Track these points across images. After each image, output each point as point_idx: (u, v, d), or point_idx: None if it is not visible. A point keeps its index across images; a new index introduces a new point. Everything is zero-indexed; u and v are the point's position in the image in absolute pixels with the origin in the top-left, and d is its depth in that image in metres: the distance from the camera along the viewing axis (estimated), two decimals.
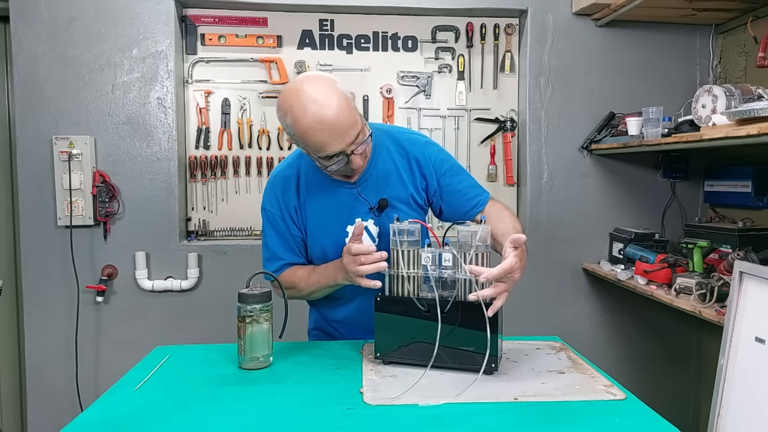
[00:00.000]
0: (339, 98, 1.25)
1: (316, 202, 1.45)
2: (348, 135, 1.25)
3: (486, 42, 2.62)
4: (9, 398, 2.67)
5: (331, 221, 1.44)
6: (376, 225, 1.44)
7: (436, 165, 1.47)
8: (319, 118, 1.22)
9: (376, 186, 1.44)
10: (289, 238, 1.47)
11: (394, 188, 1.45)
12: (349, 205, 1.44)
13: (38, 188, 2.37)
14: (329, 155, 1.27)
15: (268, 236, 1.49)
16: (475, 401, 1.10)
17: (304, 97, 1.24)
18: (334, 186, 1.43)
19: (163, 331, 2.45)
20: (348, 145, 1.26)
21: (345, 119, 1.24)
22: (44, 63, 2.36)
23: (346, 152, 1.27)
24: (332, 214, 1.44)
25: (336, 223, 1.44)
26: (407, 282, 1.28)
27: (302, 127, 1.23)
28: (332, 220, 1.44)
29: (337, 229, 1.43)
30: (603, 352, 2.64)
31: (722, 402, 1.65)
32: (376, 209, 1.43)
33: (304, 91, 1.24)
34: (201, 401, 1.12)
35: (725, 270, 1.89)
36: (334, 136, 1.24)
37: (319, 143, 1.24)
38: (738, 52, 2.44)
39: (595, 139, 2.53)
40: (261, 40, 2.54)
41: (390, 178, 1.45)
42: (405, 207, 1.46)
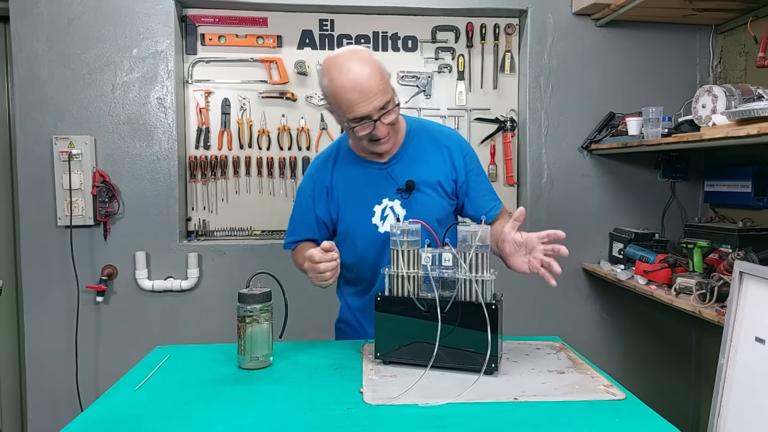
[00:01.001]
0: (373, 66, 1.33)
1: (347, 180, 1.52)
2: (376, 99, 1.32)
3: (486, 42, 2.62)
4: (9, 398, 2.67)
5: (360, 199, 1.50)
6: (402, 207, 1.49)
7: (466, 159, 1.54)
8: (352, 78, 1.31)
9: (407, 168, 1.49)
10: (311, 217, 1.55)
11: (423, 173, 1.50)
12: (378, 185, 1.49)
13: (38, 188, 2.37)
14: (357, 117, 1.34)
15: (293, 212, 1.61)
16: (475, 401, 1.10)
17: (342, 60, 1.34)
18: (365, 165, 1.51)
19: (163, 331, 2.45)
20: (375, 109, 1.33)
21: (375, 83, 1.32)
22: (44, 63, 2.36)
23: (373, 117, 1.34)
24: (361, 191, 1.50)
25: (364, 200, 1.50)
26: (407, 282, 1.28)
27: (336, 86, 1.33)
28: (361, 197, 1.50)
29: (364, 207, 1.49)
30: (603, 352, 2.64)
31: (722, 402, 1.65)
32: (404, 190, 1.48)
33: (343, 56, 1.35)
34: (201, 401, 1.12)
35: (725, 270, 1.89)
36: (363, 96, 1.31)
37: (349, 102, 1.32)
38: (738, 52, 2.44)
39: (595, 139, 2.53)
40: (261, 40, 2.54)
41: (420, 162, 1.50)
42: (432, 192, 1.50)
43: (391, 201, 1.49)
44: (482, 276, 1.24)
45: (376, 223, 1.49)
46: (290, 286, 1.42)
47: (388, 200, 1.49)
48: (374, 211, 1.49)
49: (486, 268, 1.24)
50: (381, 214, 1.49)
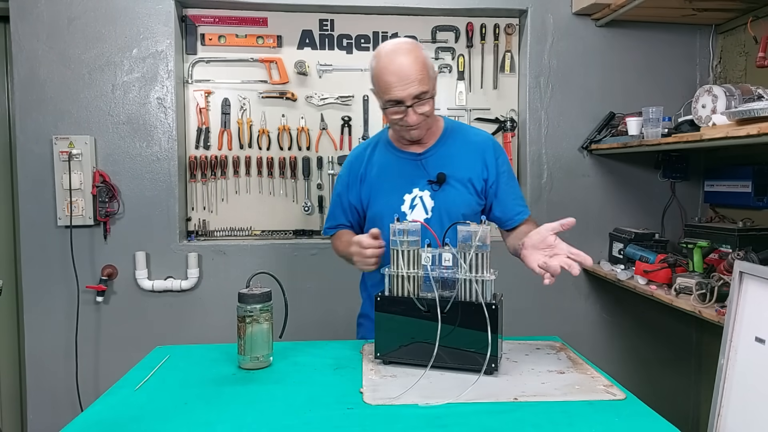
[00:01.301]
0: (417, 57, 1.41)
1: (381, 167, 1.59)
2: (412, 86, 1.39)
3: (486, 42, 2.62)
4: (9, 398, 2.67)
5: (391, 186, 1.56)
6: (431, 198, 1.54)
7: (498, 161, 1.59)
8: (394, 62, 1.40)
9: (440, 162, 1.55)
10: (346, 203, 1.64)
11: (455, 168, 1.55)
12: (410, 174, 1.56)
13: (38, 188, 2.37)
14: (392, 99, 1.41)
15: (331, 199, 1.72)
16: (475, 401, 1.10)
17: (391, 46, 1.44)
18: (400, 154, 1.58)
19: (163, 331, 2.45)
20: (410, 96, 1.40)
21: (415, 71, 1.39)
22: (44, 63, 2.36)
23: (406, 102, 1.41)
24: (393, 179, 1.57)
25: (395, 188, 1.56)
26: (407, 282, 1.28)
27: (379, 67, 1.42)
28: (392, 185, 1.56)
29: (395, 194, 1.55)
30: (603, 352, 2.64)
31: (722, 402, 1.65)
32: (435, 182, 1.54)
33: (394, 43, 1.45)
34: (201, 401, 1.12)
35: (725, 270, 1.89)
36: (400, 81, 1.39)
37: (387, 84, 1.40)
38: (738, 52, 2.44)
39: (595, 139, 2.53)
40: (261, 40, 2.54)
41: (454, 158, 1.56)
42: (462, 187, 1.55)
43: (422, 191, 1.54)
44: (482, 276, 1.24)
45: (404, 211, 1.55)
46: (290, 286, 1.42)
47: (419, 190, 1.55)
48: (404, 199, 1.55)
49: (486, 268, 1.24)
50: (410, 202, 1.55)
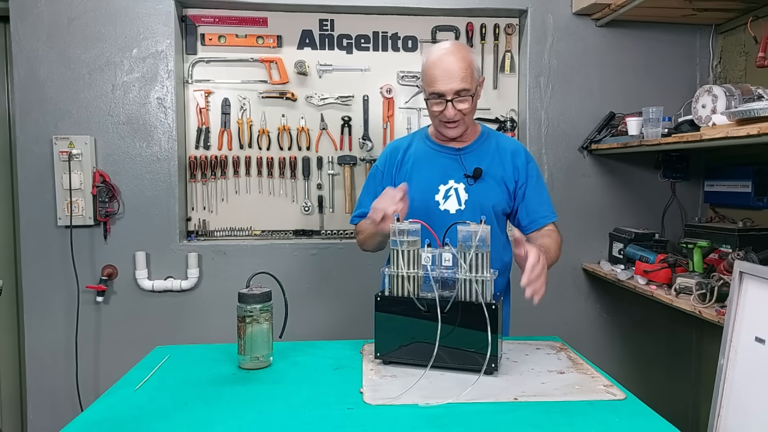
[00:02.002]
0: (464, 57, 1.52)
1: (419, 156, 1.68)
2: (455, 82, 1.50)
3: (486, 42, 2.62)
4: (9, 398, 2.67)
5: (428, 175, 1.65)
6: (466, 191, 1.63)
7: (529, 166, 1.68)
8: (441, 58, 1.52)
9: (477, 159, 1.64)
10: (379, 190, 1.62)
11: (491, 166, 1.64)
12: (448, 167, 1.65)
13: (38, 188, 2.37)
14: (434, 92, 1.53)
15: (363, 189, 1.79)
16: (475, 401, 1.10)
17: (443, 45, 1.57)
18: (440, 148, 1.68)
19: (163, 331, 2.45)
20: (451, 91, 1.51)
21: (459, 70, 1.50)
22: (44, 63, 2.36)
23: (447, 97, 1.52)
24: (431, 168, 1.66)
25: (432, 177, 1.65)
26: (407, 282, 1.28)
27: (428, 61, 1.55)
28: (429, 173, 1.65)
29: (431, 183, 1.64)
30: (603, 352, 2.64)
31: (722, 402, 1.65)
32: (471, 176, 1.62)
33: (446, 43, 1.58)
34: (201, 401, 1.12)
35: (725, 270, 1.89)
36: (444, 75, 1.51)
37: (432, 76, 1.53)
38: (738, 52, 2.44)
39: (595, 139, 2.53)
40: (261, 40, 2.54)
41: (490, 158, 1.66)
42: (495, 184, 1.64)
43: (457, 183, 1.63)
44: (482, 276, 1.24)
45: (438, 200, 1.63)
46: (290, 286, 1.43)
47: (454, 182, 1.63)
48: (439, 189, 1.63)
49: (486, 268, 1.24)
50: (445, 192, 1.63)
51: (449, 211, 1.62)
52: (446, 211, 1.62)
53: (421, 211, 1.55)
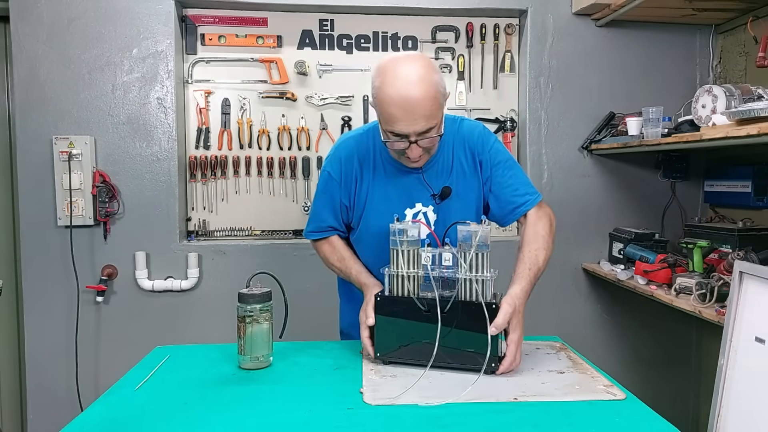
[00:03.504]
0: (429, 88, 1.25)
1: (381, 180, 1.46)
2: (419, 123, 1.26)
3: (486, 42, 2.62)
4: (9, 398, 2.67)
5: (392, 202, 1.45)
6: (434, 212, 1.47)
7: (491, 153, 1.47)
8: (402, 94, 1.24)
9: (441, 174, 1.46)
10: (337, 204, 1.50)
11: (456, 177, 1.46)
12: (413, 189, 1.46)
13: (38, 188, 2.37)
14: (394, 132, 1.29)
15: (319, 197, 1.53)
16: (475, 401, 1.10)
17: (401, 69, 1.26)
18: (400, 168, 1.45)
19: (163, 331, 2.45)
20: (415, 133, 1.28)
21: (424, 108, 1.25)
22: (44, 63, 2.36)
23: (410, 138, 1.29)
24: (394, 194, 1.46)
25: (396, 204, 1.45)
26: (407, 282, 1.28)
27: (384, 94, 1.26)
28: (393, 200, 1.46)
29: (396, 208, 1.43)
30: (603, 352, 2.64)
31: (722, 402, 1.65)
32: (438, 196, 1.45)
33: (403, 64, 1.27)
34: (201, 401, 1.12)
35: (725, 270, 1.89)
36: (406, 116, 1.25)
37: (390, 116, 1.27)
38: (738, 52, 2.44)
39: (595, 139, 2.53)
40: (261, 40, 2.54)
41: (453, 167, 1.47)
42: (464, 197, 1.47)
43: (425, 206, 1.46)
44: (482, 275, 1.23)
45: None
46: (290, 286, 1.42)
47: (422, 205, 1.46)
48: (405, 214, 1.46)
49: (486, 267, 1.24)
50: (412, 218, 1.46)
51: None
52: None
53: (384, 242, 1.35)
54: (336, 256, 1.53)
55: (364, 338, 1.31)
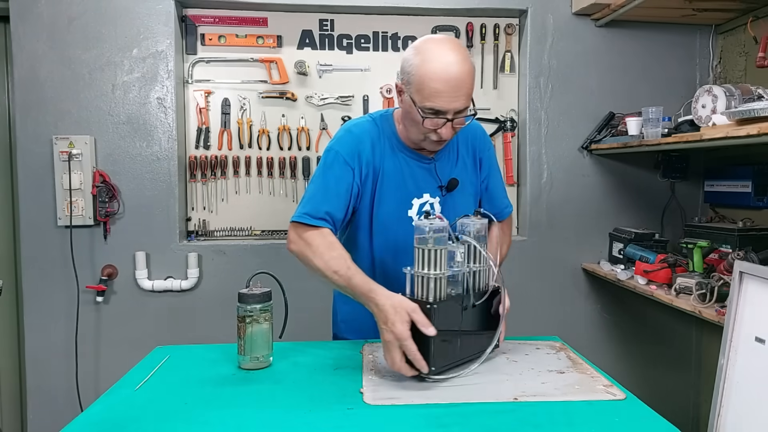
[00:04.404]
0: (471, 68, 1.29)
1: (392, 166, 1.44)
2: (460, 100, 1.28)
3: (486, 42, 2.62)
4: (9, 398, 2.67)
5: (402, 188, 1.45)
6: (440, 204, 1.48)
7: (490, 154, 1.56)
8: (449, 69, 1.25)
9: (449, 166, 1.49)
10: (343, 187, 1.39)
11: (461, 171, 1.50)
12: (421, 179, 1.46)
13: (38, 188, 2.37)
14: (434, 109, 1.28)
15: (320, 178, 1.40)
16: (475, 401, 1.10)
17: (444, 46, 1.28)
18: (413, 156, 1.46)
19: (163, 331, 2.45)
20: (454, 110, 1.29)
21: (467, 85, 1.28)
22: (44, 63, 2.36)
23: (448, 115, 1.29)
24: (404, 181, 1.45)
25: (405, 190, 1.45)
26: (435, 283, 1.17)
27: (428, 69, 1.26)
28: (403, 187, 1.45)
29: (404, 197, 1.45)
30: (603, 352, 2.64)
31: (722, 402, 1.65)
32: (446, 188, 1.47)
33: (447, 43, 1.29)
34: (201, 401, 1.12)
35: (725, 270, 1.89)
36: (451, 91, 1.26)
37: (434, 91, 1.26)
38: (738, 52, 2.44)
39: (595, 139, 2.53)
40: (261, 40, 2.54)
41: (459, 162, 1.51)
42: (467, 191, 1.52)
43: (433, 198, 1.47)
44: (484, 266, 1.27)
45: (411, 216, 1.45)
46: (290, 286, 1.42)
47: (430, 196, 1.47)
48: (412, 204, 1.46)
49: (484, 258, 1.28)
50: (419, 207, 1.46)
51: None
52: None
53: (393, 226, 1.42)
54: (335, 253, 1.31)
55: (415, 353, 1.12)
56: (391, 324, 1.14)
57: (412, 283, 1.19)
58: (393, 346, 1.14)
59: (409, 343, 1.12)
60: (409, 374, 1.15)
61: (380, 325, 1.17)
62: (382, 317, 1.17)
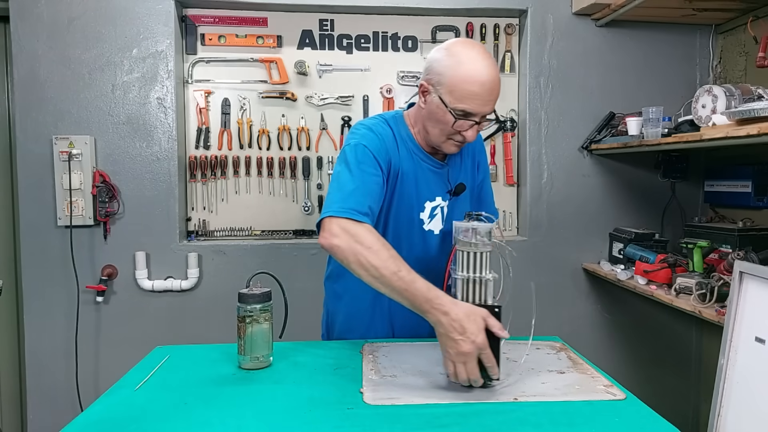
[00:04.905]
0: (499, 75, 1.34)
1: (410, 168, 1.45)
2: (490, 105, 1.33)
3: (486, 42, 2.62)
4: (9, 398, 2.67)
5: (417, 191, 1.46)
6: (447, 208, 1.51)
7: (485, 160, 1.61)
8: (485, 73, 1.29)
9: (456, 171, 1.52)
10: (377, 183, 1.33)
11: (465, 177, 1.54)
12: (433, 183, 1.49)
13: (38, 188, 2.37)
14: (467, 111, 1.31)
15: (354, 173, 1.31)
16: (475, 401, 1.10)
17: (478, 51, 1.32)
18: (428, 160, 1.48)
19: (163, 331, 2.45)
20: (484, 113, 1.34)
21: (497, 91, 1.33)
22: (44, 63, 2.36)
23: (477, 119, 1.33)
24: (419, 184, 1.46)
25: (420, 193, 1.46)
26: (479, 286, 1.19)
27: (465, 72, 1.29)
28: (418, 189, 1.46)
29: (418, 200, 1.46)
30: (603, 352, 2.64)
31: (722, 402, 1.65)
32: (454, 192, 1.50)
33: (479, 48, 1.33)
34: (201, 401, 1.12)
35: (725, 270, 1.89)
36: (486, 95, 1.30)
37: (470, 93, 1.29)
38: (738, 52, 2.44)
39: (595, 139, 2.53)
40: (261, 40, 2.54)
41: (463, 166, 1.55)
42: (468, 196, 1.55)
43: (444, 201, 1.50)
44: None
45: (423, 219, 1.47)
46: (290, 286, 1.42)
47: (441, 199, 1.49)
48: (424, 207, 1.47)
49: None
50: (431, 211, 1.48)
51: (433, 231, 1.49)
52: (431, 231, 1.48)
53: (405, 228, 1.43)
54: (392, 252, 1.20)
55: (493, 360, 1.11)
56: (470, 334, 1.08)
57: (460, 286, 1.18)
58: (472, 357, 1.09)
59: (489, 351, 1.09)
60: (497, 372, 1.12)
61: (453, 335, 1.09)
62: (456, 327, 1.09)
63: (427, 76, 1.36)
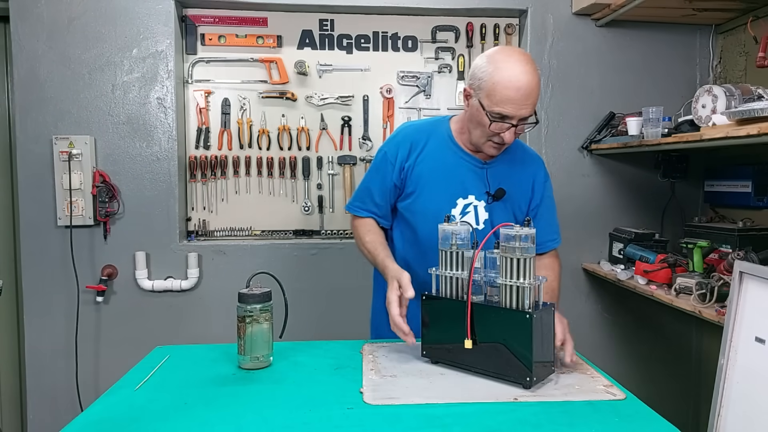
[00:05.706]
0: (538, 81, 1.40)
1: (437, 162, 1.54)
2: (526, 108, 1.38)
3: (486, 42, 2.62)
4: (9, 398, 2.67)
5: (446, 185, 1.53)
6: (486, 210, 1.55)
7: (545, 185, 1.63)
8: (522, 78, 1.35)
9: (500, 176, 1.55)
10: (388, 183, 1.57)
11: (512, 186, 1.56)
12: (470, 180, 1.54)
13: (38, 188, 2.37)
14: (503, 114, 1.38)
15: (370, 174, 1.63)
16: (475, 401, 1.10)
17: (518, 57, 1.39)
18: (464, 157, 1.55)
19: (163, 331, 2.45)
20: (521, 116, 1.39)
21: (535, 95, 1.39)
22: (44, 63, 2.36)
23: (513, 121, 1.39)
24: (449, 179, 1.53)
25: (450, 188, 1.53)
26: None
27: (503, 76, 1.36)
28: (448, 184, 1.53)
29: (448, 194, 1.53)
30: (603, 352, 2.64)
31: (722, 402, 1.65)
32: (493, 195, 1.53)
33: (520, 54, 1.41)
34: (201, 401, 1.12)
35: (725, 270, 1.89)
36: (522, 99, 1.36)
37: (507, 97, 1.36)
38: (738, 52, 2.44)
39: (595, 139, 2.53)
40: (261, 40, 2.54)
41: (512, 176, 1.57)
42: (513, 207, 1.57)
43: (478, 200, 1.54)
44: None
45: (454, 214, 1.52)
46: (290, 286, 1.42)
47: (475, 198, 1.54)
48: (456, 203, 1.53)
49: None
50: (463, 208, 1.53)
51: None
52: None
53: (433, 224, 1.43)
54: (369, 237, 1.57)
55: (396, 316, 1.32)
56: (388, 289, 1.36)
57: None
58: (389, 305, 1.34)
59: (392, 307, 1.32)
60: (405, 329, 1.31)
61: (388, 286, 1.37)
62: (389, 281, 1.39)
63: (469, 81, 1.46)
